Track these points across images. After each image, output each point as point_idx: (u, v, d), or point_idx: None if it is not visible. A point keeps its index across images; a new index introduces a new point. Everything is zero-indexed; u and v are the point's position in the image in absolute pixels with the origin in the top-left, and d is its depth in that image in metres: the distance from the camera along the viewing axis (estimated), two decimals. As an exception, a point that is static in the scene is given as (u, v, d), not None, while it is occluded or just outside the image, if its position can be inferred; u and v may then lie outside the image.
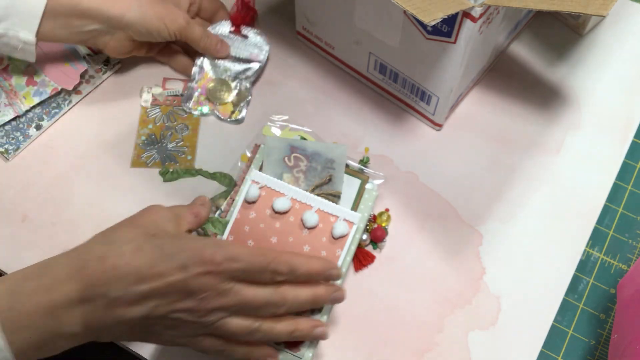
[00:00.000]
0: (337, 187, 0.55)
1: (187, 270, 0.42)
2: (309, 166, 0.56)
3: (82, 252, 0.43)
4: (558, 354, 0.56)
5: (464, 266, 0.58)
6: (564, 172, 0.62)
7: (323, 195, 0.54)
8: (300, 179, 0.55)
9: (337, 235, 0.51)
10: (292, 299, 0.45)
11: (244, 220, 0.52)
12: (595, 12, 0.47)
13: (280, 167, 0.56)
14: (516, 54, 0.68)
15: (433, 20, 0.46)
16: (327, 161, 0.56)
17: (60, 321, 0.41)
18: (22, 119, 0.63)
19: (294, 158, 0.56)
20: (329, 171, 0.56)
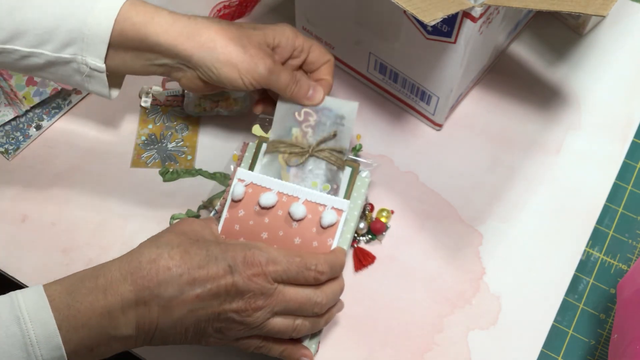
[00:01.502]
0: (342, 143, 0.55)
1: (234, 271, 0.44)
2: (318, 121, 0.55)
3: (134, 256, 0.44)
4: (558, 354, 0.56)
5: (464, 266, 0.58)
6: (564, 172, 0.62)
7: (327, 151, 0.54)
8: (309, 133, 0.55)
9: (325, 224, 0.50)
10: (331, 295, 0.48)
11: (233, 219, 0.51)
12: (595, 12, 0.47)
13: (290, 121, 0.55)
14: (516, 54, 0.68)
15: (433, 20, 0.46)
16: (336, 117, 0.55)
17: (115, 322, 0.42)
18: (22, 119, 0.63)
19: (304, 113, 0.55)
20: (338, 127, 0.55)
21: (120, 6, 0.49)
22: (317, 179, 0.54)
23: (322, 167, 0.54)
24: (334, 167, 0.54)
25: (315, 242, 0.50)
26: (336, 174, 0.54)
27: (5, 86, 0.62)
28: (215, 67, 0.51)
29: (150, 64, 0.52)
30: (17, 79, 0.63)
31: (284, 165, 0.54)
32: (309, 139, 0.55)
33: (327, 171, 0.54)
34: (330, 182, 0.54)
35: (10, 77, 0.63)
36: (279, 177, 0.54)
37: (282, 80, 0.53)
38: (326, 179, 0.54)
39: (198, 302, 0.43)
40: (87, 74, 0.51)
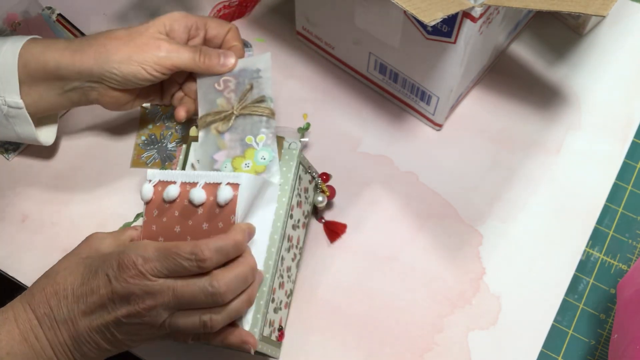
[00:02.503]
0: (262, 92, 0.55)
1: (111, 279, 0.44)
2: (237, 83, 0.56)
3: (32, 287, 0.47)
4: (558, 354, 0.56)
5: (464, 266, 0.58)
6: (564, 172, 0.62)
7: (251, 106, 0.55)
8: (232, 98, 0.55)
9: (222, 202, 0.48)
10: (232, 280, 0.45)
11: (150, 221, 0.50)
12: (595, 12, 0.47)
13: (212, 94, 0.56)
14: (516, 54, 0.68)
15: (433, 20, 0.46)
16: (253, 73, 0.56)
17: (34, 348, 0.45)
18: (22, 119, 0.63)
19: (223, 82, 0.56)
20: (255, 80, 0.55)
21: (23, 43, 0.53)
22: (250, 134, 0.54)
23: (251, 121, 0.54)
24: (262, 117, 0.54)
25: (221, 223, 0.49)
26: (268, 123, 0.54)
27: (5, 86, 0.62)
28: (114, 69, 0.53)
29: (63, 91, 0.54)
30: (17, 79, 0.63)
31: (217, 136, 0.55)
32: (234, 103, 0.55)
33: (257, 123, 0.54)
34: (264, 131, 0.54)
35: (10, 77, 0.63)
36: (217, 148, 0.54)
37: (186, 56, 0.54)
38: (258, 130, 0.54)
39: (88, 316, 0.44)
40: (9, 114, 0.54)
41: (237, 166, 0.53)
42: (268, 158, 0.53)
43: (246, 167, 0.53)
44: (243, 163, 0.53)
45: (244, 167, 0.53)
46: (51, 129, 0.59)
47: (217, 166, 0.54)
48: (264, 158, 0.53)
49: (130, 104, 0.57)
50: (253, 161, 0.53)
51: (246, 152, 0.54)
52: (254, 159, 0.53)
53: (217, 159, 0.54)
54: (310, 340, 0.55)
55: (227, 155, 0.54)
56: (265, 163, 0.53)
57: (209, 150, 0.54)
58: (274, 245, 0.51)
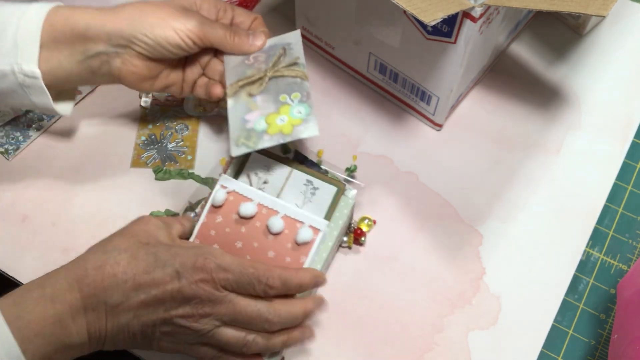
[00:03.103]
0: (294, 54, 0.55)
1: (181, 277, 0.43)
2: (267, 57, 0.56)
3: (80, 263, 0.44)
4: (558, 354, 0.56)
5: (464, 266, 0.58)
6: (564, 172, 0.62)
7: (283, 68, 0.54)
8: (262, 68, 0.55)
9: (300, 241, 0.50)
10: (285, 315, 0.46)
11: (210, 225, 0.51)
12: (595, 12, 0.47)
13: (242, 67, 0.56)
14: (516, 54, 0.68)
15: (433, 20, 0.46)
16: (284, 45, 0.56)
17: (67, 330, 0.42)
18: (22, 119, 0.63)
19: (253, 57, 0.56)
20: (287, 51, 0.56)
21: (50, 7, 0.51)
22: (284, 93, 0.53)
23: (285, 82, 0.54)
24: (296, 79, 0.54)
25: (289, 258, 0.50)
26: (301, 85, 0.54)
27: (5, 86, 0.62)
28: (147, 31, 0.51)
29: (84, 57, 0.52)
30: (17, 79, 0.63)
31: (249, 99, 0.54)
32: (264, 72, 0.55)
33: (291, 84, 0.54)
34: (298, 90, 0.54)
35: (10, 77, 0.63)
36: (249, 110, 0.53)
37: (219, 31, 0.54)
38: (292, 90, 0.54)
39: (143, 308, 0.43)
40: (24, 83, 0.51)
41: (271, 122, 0.52)
42: (305, 112, 0.52)
43: (281, 122, 0.52)
44: (278, 118, 0.52)
45: (279, 121, 0.52)
46: (68, 102, 0.57)
47: (249, 125, 0.53)
48: (300, 112, 0.52)
49: (150, 83, 0.55)
50: (289, 116, 0.52)
51: (281, 109, 0.53)
52: (289, 114, 0.52)
53: (248, 118, 0.53)
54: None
55: (261, 114, 0.53)
56: (302, 117, 0.52)
57: (240, 112, 0.54)
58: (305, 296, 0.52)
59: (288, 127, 0.52)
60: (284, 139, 0.51)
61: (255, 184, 0.54)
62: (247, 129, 0.52)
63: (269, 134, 0.52)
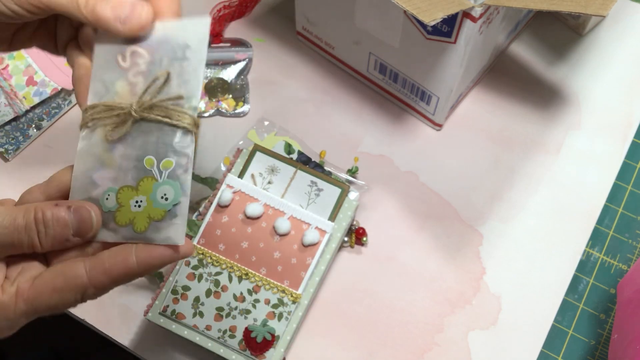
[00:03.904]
0: (184, 86, 0.36)
1: None
2: (150, 62, 0.37)
3: None
4: (558, 354, 0.56)
5: (464, 266, 0.58)
6: (564, 172, 0.62)
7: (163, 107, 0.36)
8: (138, 84, 0.37)
9: (307, 242, 0.51)
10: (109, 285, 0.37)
11: (216, 224, 0.51)
12: (595, 12, 0.47)
13: (112, 71, 0.38)
14: (516, 54, 0.68)
15: (433, 20, 0.46)
16: (177, 50, 0.37)
17: None
18: (22, 119, 0.63)
19: (131, 55, 0.38)
20: (177, 63, 0.37)
21: None
22: (153, 153, 0.37)
23: (159, 132, 0.37)
24: (176, 128, 0.36)
25: (294, 259, 0.51)
26: (184, 140, 0.36)
27: (5, 86, 0.62)
28: None
29: None
30: (17, 79, 0.63)
31: (104, 145, 0.38)
32: (139, 93, 0.37)
33: (167, 136, 0.36)
34: (174, 153, 0.36)
35: (10, 77, 0.63)
36: (101, 164, 0.38)
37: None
38: (166, 151, 0.36)
39: None
40: None
41: (124, 201, 0.37)
42: (172, 199, 0.36)
43: (136, 208, 0.36)
44: (133, 200, 0.37)
45: (134, 206, 0.36)
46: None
47: (95, 193, 0.37)
48: (166, 198, 0.36)
49: (6, 46, 0.41)
50: (149, 199, 0.36)
51: (141, 183, 0.37)
52: (150, 196, 0.36)
53: (97, 181, 0.38)
54: (310, 340, 0.55)
55: (114, 180, 0.37)
56: (167, 206, 0.36)
57: (88, 163, 0.38)
58: (309, 296, 0.52)
59: (142, 221, 0.36)
60: (132, 239, 0.36)
61: (259, 184, 0.54)
62: (90, 198, 0.38)
63: (115, 224, 0.37)
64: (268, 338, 0.50)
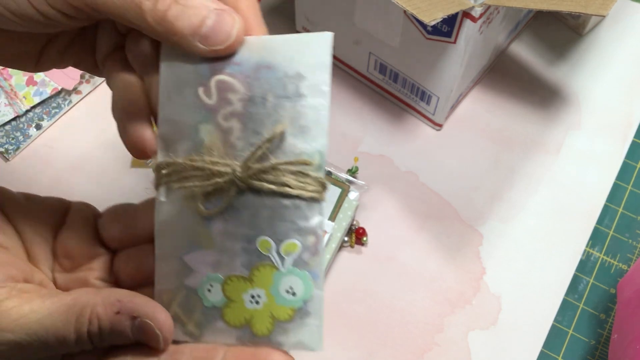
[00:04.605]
0: (308, 140, 0.27)
1: None
2: (249, 100, 0.27)
3: None
4: (558, 354, 0.56)
5: (464, 266, 0.58)
6: (564, 172, 0.62)
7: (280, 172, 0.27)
8: (234, 132, 0.27)
9: None
10: None
11: None
12: (595, 12, 0.47)
13: (192, 108, 0.28)
14: (516, 54, 0.68)
15: (433, 20, 0.46)
16: (286, 81, 0.27)
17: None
18: (22, 119, 0.63)
19: (217, 84, 0.27)
20: (294, 105, 0.27)
21: None
22: (267, 232, 0.28)
23: (274, 204, 0.27)
24: (300, 200, 0.27)
25: None
26: (310, 211, 0.27)
27: (5, 86, 0.62)
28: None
29: None
30: (17, 79, 0.63)
31: (197, 215, 0.29)
32: (237, 144, 0.27)
33: (287, 211, 0.27)
34: (297, 232, 0.28)
35: (10, 77, 0.63)
36: (194, 243, 0.29)
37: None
38: (286, 231, 0.28)
39: None
40: None
41: (235, 296, 0.28)
42: (301, 294, 0.27)
43: (253, 304, 0.28)
44: (247, 294, 0.28)
45: (249, 302, 0.28)
46: None
47: (191, 281, 0.29)
48: (293, 292, 0.28)
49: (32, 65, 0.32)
50: (269, 294, 0.28)
51: (255, 272, 0.28)
52: (270, 290, 0.28)
53: (191, 264, 0.29)
54: (310, 340, 0.55)
55: (215, 266, 0.28)
56: (296, 303, 0.28)
57: (175, 239, 0.29)
58: None
59: (264, 321, 0.28)
60: (252, 343, 0.28)
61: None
62: (185, 287, 0.29)
63: (225, 323, 0.28)
64: None
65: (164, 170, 0.29)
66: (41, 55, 0.33)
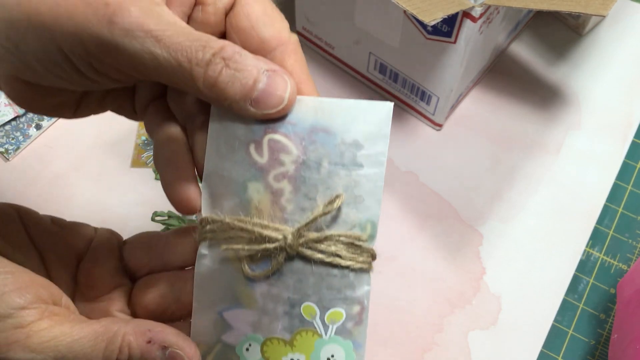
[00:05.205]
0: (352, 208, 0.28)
1: None
2: (302, 163, 0.27)
3: None
4: (558, 354, 0.56)
5: (464, 266, 0.58)
6: (564, 172, 0.62)
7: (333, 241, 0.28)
8: (285, 194, 0.27)
9: None
10: None
11: None
12: (595, 12, 0.47)
13: (241, 166, 0.27)
14: (516, 54, 0.68)
15: (433, 20, 0.46)
16: (342, 148, 0.26)
17: None
18: (22, 119, 0.63)
19: (269, 144, 0.27)
20: (350, 173, 0.27)
21: None
22: (313, 299, 0.28)
23: (322, 272, 0.28)
24: (349, 273, 0.28)
25: None
26: (359, 282, 0.28)
27: (5, 86, 0.62)
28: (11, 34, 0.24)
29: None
30: (17, 79, 0.63)
31: (241, 273, 0.28)
32: (287, 207, 0.27)
33: (334, 280, 0.28)
34: (343, 301, 0.28)
35: (10, 77, 0.63)
36: (236, 301, 0.28)
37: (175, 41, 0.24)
38: (332, 299, 0.28)
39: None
40: None
41: (274, 359, 0.28)
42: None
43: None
44: (286, 357, 0.28)
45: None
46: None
47: (230, 338, 0.29)
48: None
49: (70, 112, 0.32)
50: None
51: (297, 337, 0.28)
52: (311, 356, 0.28)
53: (230, 322, 0.29)
54: (310, 340, 0.55)
55: (255, 326, 0.28)
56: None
57: (215, 294, 0.29)
58: None
59: None
60: None
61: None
62: (223, 343, 0.29)
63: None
64: None
65: (208, 226, 0.28)
66: (79, 105, 0.32)
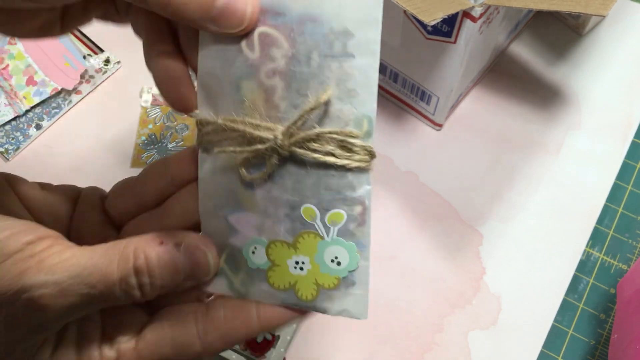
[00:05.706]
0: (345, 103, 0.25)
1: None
2: (292, 57, 0.25)
3: None
4: (558, 354, 0.56)
5: (464, 266, 0.58)
6: (564, 172, 0.62)
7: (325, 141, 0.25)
8: (277, 91, 0.26)
9: None
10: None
11: None
12: (595, 12, 0.47)
13: (233, 62, 0.26)
14: (516, 54, 0.68)
15: (433, 20, 0.46)
16: (332, 38, 0.25)
17: None
18: (22, 119, 0.63)
19: (261, 38, 0.25)
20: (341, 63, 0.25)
21: None
22: (312, 201, 0.27)
23: (321, 175, 0.26)
24: (347, 173, 0.26)
25: None
26: (356, 181, 0.26)
27: (5, 86, 0.62)
28: None
29: None
30: (17, 79, 0.63)
31: (236, 180, 0.28)
32: (280, 105, 0.26)
33: (332, 180, 0.26)
34: (343, 202, 0.27)
35: (11, 77, 0.63)
36: (238, 203, 0.28)
37: None
38: (332, 200, 0.27)
39: None
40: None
41: (279, 261, 0.28)
42: (346, 264, 0.27)
43: (298, 270, 0.28)
44: (291, 260, 0.28)
45: (294, 268, 0.28)
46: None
47: (236, 241, 0.28)
48: (339, 262, 0.27)
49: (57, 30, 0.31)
50: (313, 262, 0.27)
51: (300, 240, 0.27)
52: (314, 258, 0.27)
53: (236, 225, 0.28)
54: (310, 340, 0.55)
55: (258, 229, 0.28)
56: (341, 272, 0.28)
57: (219, 199, 0.28)
58: None
59: (308, 287, 0.28)
60: (297, 306, 0.29)
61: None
62: (231, 246, 0.29)
63: (269, 286, 0.29)
64: (268, 338, 0.50)
65: (204, 129, 0.28)
66: (63, 20, 0.31)
